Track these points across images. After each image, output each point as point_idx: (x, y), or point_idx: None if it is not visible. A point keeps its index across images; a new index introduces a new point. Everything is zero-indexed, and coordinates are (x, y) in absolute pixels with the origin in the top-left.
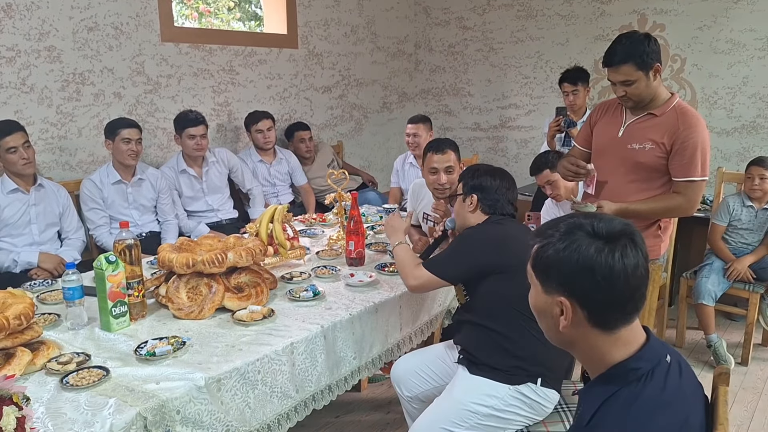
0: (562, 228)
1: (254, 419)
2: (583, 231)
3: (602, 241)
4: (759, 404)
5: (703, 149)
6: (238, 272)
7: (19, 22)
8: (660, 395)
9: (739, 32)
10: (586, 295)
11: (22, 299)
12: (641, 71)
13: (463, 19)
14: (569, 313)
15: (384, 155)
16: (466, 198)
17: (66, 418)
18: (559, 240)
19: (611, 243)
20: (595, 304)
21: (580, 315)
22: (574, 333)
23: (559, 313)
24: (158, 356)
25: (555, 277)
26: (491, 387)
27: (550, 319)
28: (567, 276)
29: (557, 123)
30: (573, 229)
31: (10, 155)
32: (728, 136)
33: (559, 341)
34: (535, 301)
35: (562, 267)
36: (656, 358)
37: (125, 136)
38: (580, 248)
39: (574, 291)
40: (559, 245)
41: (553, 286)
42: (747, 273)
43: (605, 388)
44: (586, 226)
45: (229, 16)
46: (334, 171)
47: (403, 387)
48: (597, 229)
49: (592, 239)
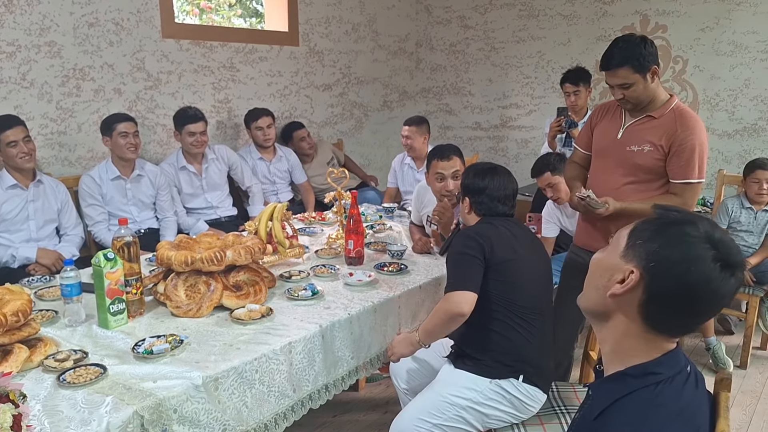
0: (685, 216)
1: (251, 418)
2: (705, 231)
3: (720, 255)
4: (758, 407)
5: (701, 151)
6: (236, 270)
7: (19, 17)
8: (677, 404)
9: (742, 34)
10: (661, 284)
11: (19, 295)
12: (638, 74)
13: (465, 18)
14: (631, 284)
15: (384, 154)
16: (461, 200)
17: (63, 416)
18: (676, 221)
19: (726, 265)
20: (661, 297)
21: (637, 296)
22: (615, 308)
23: (619, 279)
24: (156, 354)
25: (646, 250)
26: (471, 380)
27: (605, 279)
28: (660, 257)
29: (558, 123)
30: (696, 221)
31: (10, 149)
32: (729, 139)
33: (594, 306)
34: (604, 257)
35: (662, 246)
36: (678, 367)
37: (122, 130)
38: (692, 245)
39: (655, 272)
40: (673, 229)
41: (639, 254)
42: (747, 276)
43: (620, 386)
44: (712, 228)
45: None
46: (334, 170)
47: (400, 379)
48: (721, 240)
49: (709, 246)
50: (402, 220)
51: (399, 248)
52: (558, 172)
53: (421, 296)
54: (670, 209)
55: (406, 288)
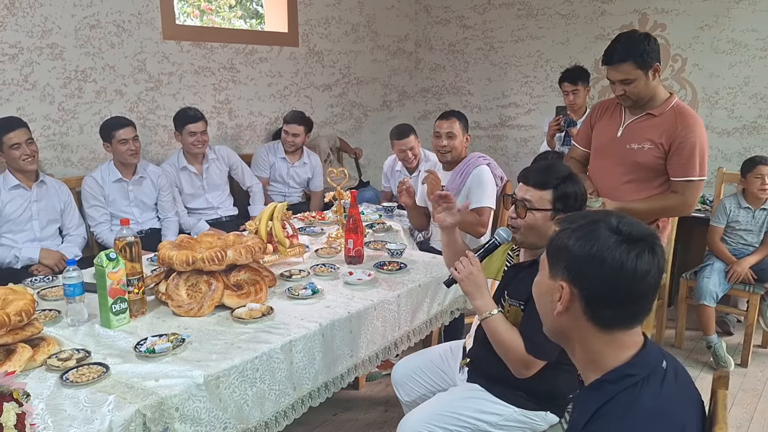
0: (586, 219)
1: (252, 417)
2: (606, 224)
3: (622, 237)
4: (759, 406)
5: (701, 149)
6: (237, 270)
7: (21, 20)
8: (656, 403)
9: (741, 32)
10: (588, 285)
11: (22, 295)
12: (640, 70)
13: (464, 17)
14: (566, 298)
15: (383, 153)
16: (556, 216)
17: (66, 415)
18: (579, 228)
19: (631, 243)
20: (594, 297)
21: (577, 306)
22: (569, 324)
23: (558, 297)
24: (158, 353)
25: (564, 260)
26: (496, 406)
27: (549, 303)
28: (576, 261)
29: (557, 122)
30: (597, 220)
31: (13, 151)
32: (729, 137)
33: (554, 330)
34: (539, 284)
35: (573, 251)
36: (652, 364)
37: (121, 137)
38: (597, 238)
39: (578, 277)
40: (578, 232)
41: (560, 269)
42: (748, 274)
43: (600, 394)
44: (611, 221)
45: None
46: (334, 169)
47: (402, 391)
48: (621, 226)
49: (612, 233)
50: (401, 219)
51: (398, 247)
52: None
53: (421, 294)
54: (573, 219)
55: (405, 286)
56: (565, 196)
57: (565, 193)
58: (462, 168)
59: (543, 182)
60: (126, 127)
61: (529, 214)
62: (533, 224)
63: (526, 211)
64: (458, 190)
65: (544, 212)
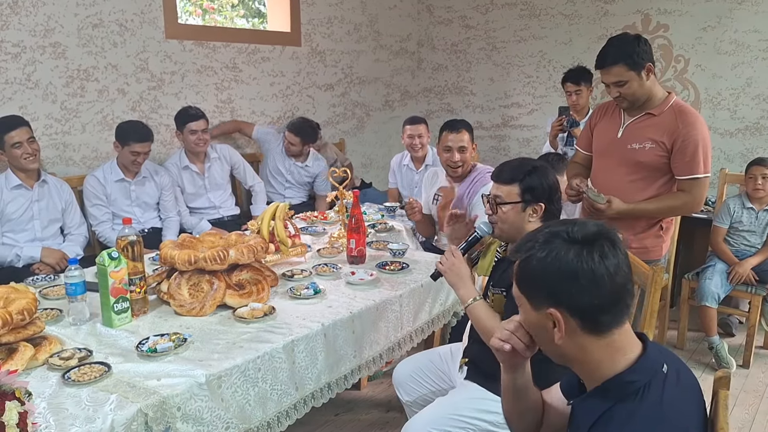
0: (541, 238)
1: (254, 416)
2: (560, 238)
3: (579, 245)
4: (760, 407)
5: (704, 146)
6: (239, 269)
7: (24, 18)
8: (657, 410)
9: (744, 33)
10: (574, 303)
11: (24, 294)
12: (633, 71)
13: (466, 17)
14: (562, 324)
15: (386, 153)
16: (527, 207)
17: (67, 414)
18: (539, 250)
19: (588, 246)
20: (584, 310)
21: (573, 324)
22: (571, 344)
23: (552, 326)
24: (159, 353)
25: (541, 289)
26: (494, 404)
27: (545, 334)
28: (552, 286)
29: (560, 122)
30: (550, 237)
31: (14, 150)
32: (731, 138)
33: (558, 356)
34: (527, 320)
35: (546, 277)
36: (652, 369)
37: (135, 149)
38: (559, 255)
39: (561, 300)
40: (539, 254)
41: (542, 299)
42: (750, 275)
43: (601, 402)
44: (562, 233)
45: (232, 13)
46: (336, 169)
47: (402, 391)
48: (572, 234)
49: (570, 245)
50: (404, 219)
51: (400, 247)
52: (557, 172)
53: (423, 295)
54: (521, 244)
55: (407, 287)
56: (531, 188)
57: (531, 186)
58: (470, 185)
59: (510, 178)
60: (146, 141)
61: (500, 209)
62: (506, 218)
63: (497, 207)
64: (466, 206)
65: (513, 205)
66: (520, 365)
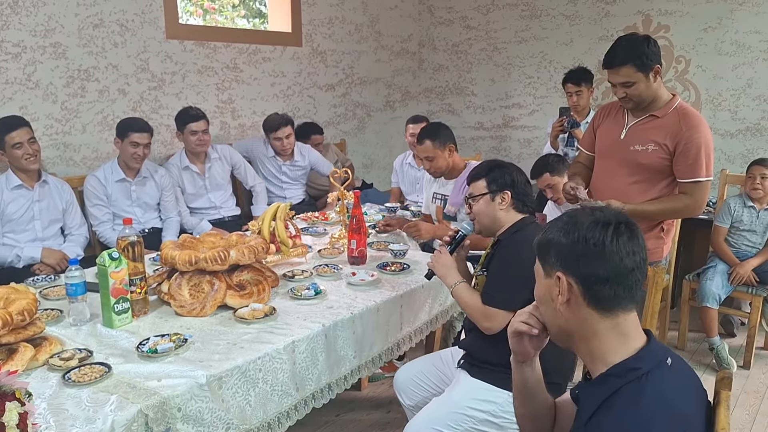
0: (565, 216)
1: (255, 417)
2: (585, 216)
3: (597, 221)
4: (761, 408)
5: (707, 149)
6: (240, 270)
7: (25, 18)
8: (661, 398)
9: (744, 34)
10: (580, 267)
11: (25, 295)
12: (641, 72)
13: (467, 18)
14: (565, 288)
15: (386, 154)
16: (495, 196)
17: (68, 415)
18: (562, 223)
19: (606, 224)
20: (589, 277)
21: (577, 293)
22: (573, 317)
23: (557, 293)
24: (160, 353)
25: (553, 254)
26: (490, 392)
27: (551, 302)
28: (563, 249)
29: (561, 123)
30: (575, 213)
31: (15, 150)
32: (732, 138)
33: (560, 330)
34: (539, 289)
35: (560, 242)
36: (656, 359)
37: (134, 140)
38: (578, 225)
39: (569, 263)
40: (560, 225)
41: (552, 263)
42: (750, 276)
43: (604, 387)
44: (587, 212)
45: (233, 13)
46: (337, 170)
47: (404, 396)
48: (596, 213)
49: (588, 219)
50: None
51: (401, 248)
52: (557, 173)
53: (424, 296)
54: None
55: (408, 287)
56: (493, 179)
57: (494, 178)
58: (463, 181)
59: (477, 175)
60: (145, 132)
61: (474, 205)
62: (480, 210)
63: (471, 203)
64: (461, 205)
65: (482, 196)
66: (530, 359)
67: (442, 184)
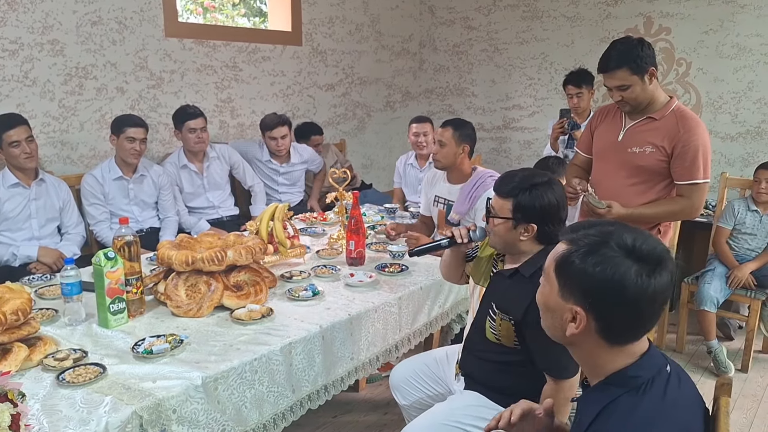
0: (597, 237)
1: (250, 419)
2: (620, 245)
3: (641, 262)
4: (759, 411)
5: (705, 152)
6: (237, 270)
7: (22, 15)
8: (660, 405)
9: (746, 37)
10: (607, 313)
11: (20, 294)
12: (636, 75)
13: (469, 19)
14: (582, 324)
15: (386, 154)
16: (518, 225)
17: (61, 416)
18: (592, 248)
19: (648, 264)
20: (612, 322)
21: (592, 326)
22: (580, 339)
23: (569, 319)
24: (155, 354)
25: (579, 287)
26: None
27: (558, 320)
28: (594, 290)
29: (561, 125)
30: (608, 238)
31: (12, 149)
32: (732, 142)
33: (559, 339)
34: (546, 299)
35: (590, 278)
36: (656, 367)
37: (130, 135)
38: (616, 266)
39: (595, 305)
40: (593, 258)
41: (575, 293)
42: (749, 280)
43: (604, 395)
44: (625, 238)
45: (233, 12)
46: (336, 170)
47: (399, 395)
48: (637, 247)
49: (628, 258)
50: (404, 221)
51: (400, 249)
52: (557, 175)
53: (422, 297)
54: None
55: (406, 289)
56: (522, 207)
57: (523, 204)
58: (470, 189)
59: (505, 191)
60: (140, 126)
61: (491, 221)
62: (497, 231)
63: (489, 218)
64: (467, 212)
65: (504, 221)
66: None
67: (446, 187)
